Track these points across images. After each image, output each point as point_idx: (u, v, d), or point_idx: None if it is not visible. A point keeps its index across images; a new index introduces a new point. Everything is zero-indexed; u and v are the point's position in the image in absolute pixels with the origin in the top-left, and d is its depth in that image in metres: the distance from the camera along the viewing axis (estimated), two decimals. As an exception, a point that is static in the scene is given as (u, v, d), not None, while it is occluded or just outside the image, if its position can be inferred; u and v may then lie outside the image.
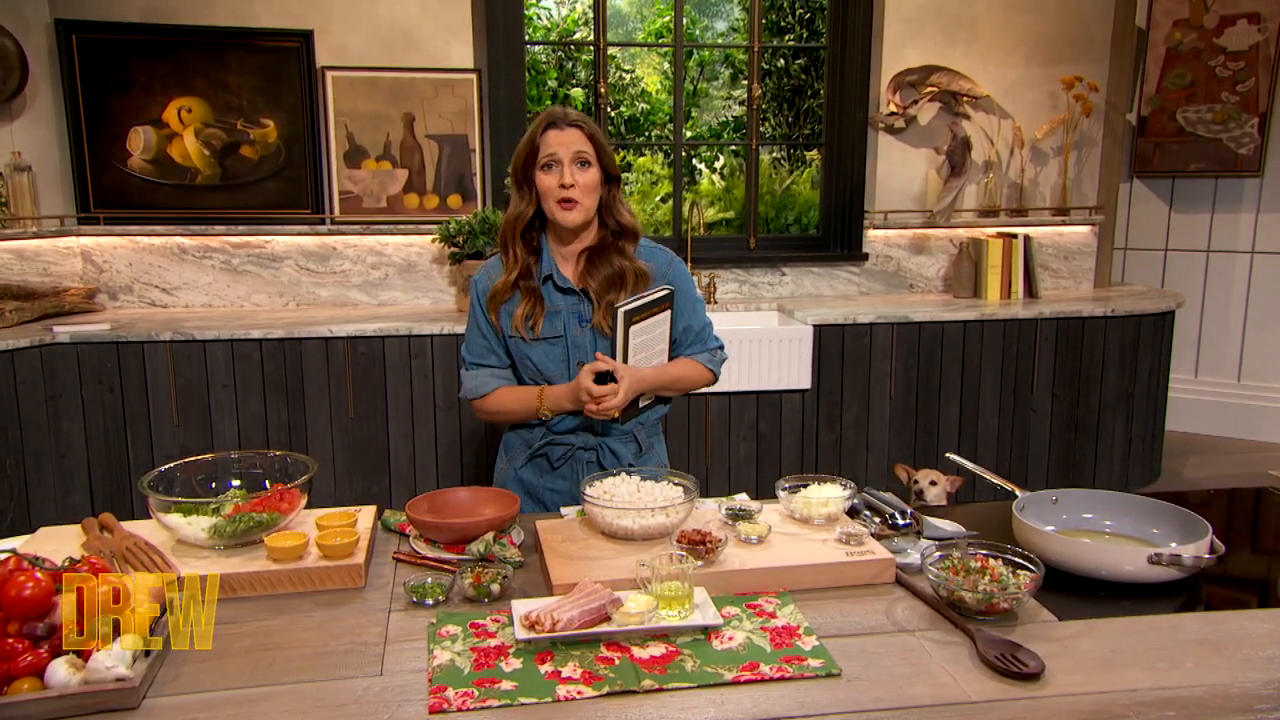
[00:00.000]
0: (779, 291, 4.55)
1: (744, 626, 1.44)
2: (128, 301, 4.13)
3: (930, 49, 4.45)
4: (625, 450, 2.14)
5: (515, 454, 2.20)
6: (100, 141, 3.98)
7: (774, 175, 7.18)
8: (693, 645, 1.38)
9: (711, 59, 7.61)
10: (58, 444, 3.57)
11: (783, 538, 1.68)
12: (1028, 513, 1.78)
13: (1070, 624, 1.47)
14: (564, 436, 2.12)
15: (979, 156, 4.54)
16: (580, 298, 2.07)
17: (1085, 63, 4.59)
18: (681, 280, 2.14)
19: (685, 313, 2.14)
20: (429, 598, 1.51)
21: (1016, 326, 4.10)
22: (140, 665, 1.23)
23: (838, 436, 4.03)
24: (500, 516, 1.70)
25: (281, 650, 1.36)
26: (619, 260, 2.05)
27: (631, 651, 1.36)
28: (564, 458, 2.12)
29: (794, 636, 1.41)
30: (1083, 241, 4.77)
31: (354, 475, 3.76)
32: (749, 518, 1.73)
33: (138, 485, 1.60)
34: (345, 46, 4.08)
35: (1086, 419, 4.23)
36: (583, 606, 1.41)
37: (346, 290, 4.26)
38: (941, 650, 1.38)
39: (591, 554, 1.61)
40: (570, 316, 2.07)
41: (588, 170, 1.99)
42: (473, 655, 1.35)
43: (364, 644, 1.38)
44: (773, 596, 1.53)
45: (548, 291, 2.07)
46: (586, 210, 2.01)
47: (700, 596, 1.47)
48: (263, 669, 1.31)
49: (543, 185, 1.99)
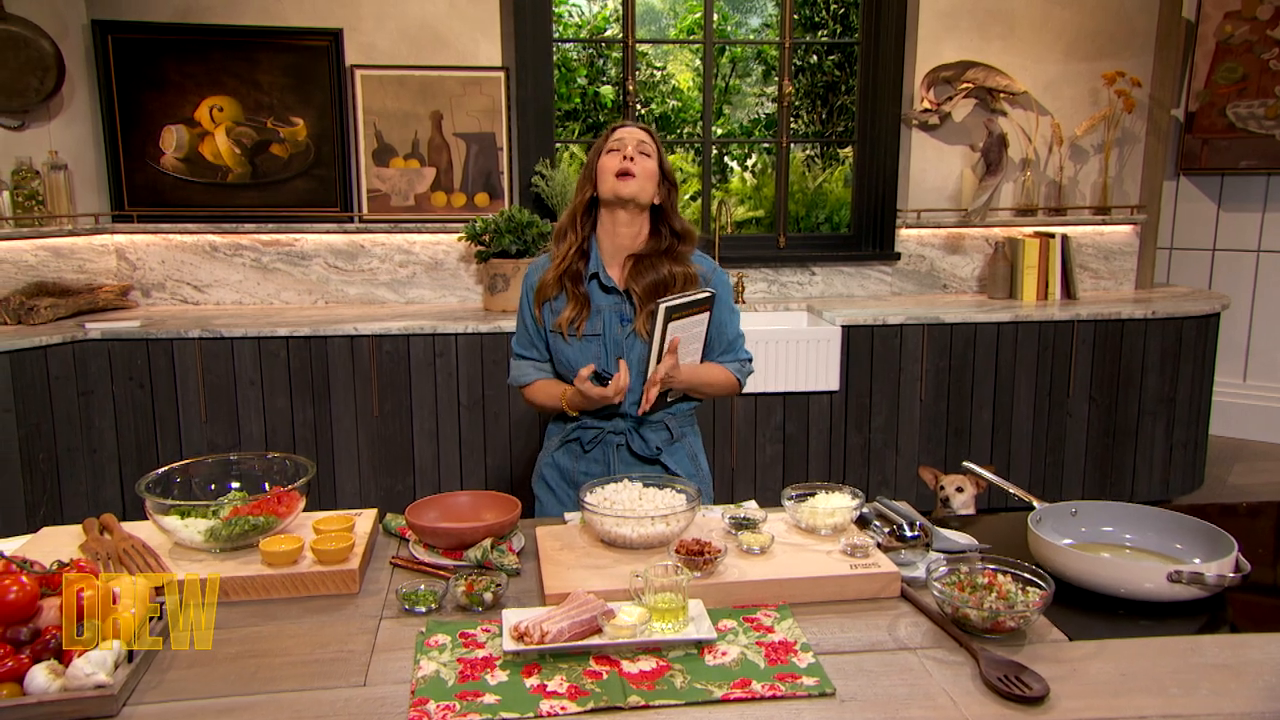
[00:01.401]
0: (809, 291, 4.48)
1: (739, 641, 1.40)
2: (160, 299, 4.18)
3: (966, 44, 4.36)
4: (656, 437, 2.17)
5: (553, 440, 2.26)
6: (134, 140, 4.03)
7: (807, 173, 7.10)
8: (685, 660, 1.35)
9: (744, 55, 7.54)
10: (89, 439, 3.63)
11: (786, 548, 1.64)
12: (1044, 525, 1.72)
13: (1081, 644, 1.41)
14: (595, 421, 2.16)
15: (1016, 154, 4.43)
16: (623, 298, 2.12)
17: (1127, 57, 4.46)
18: (722, 288, 2.18)
19: (722, 320, 2.18)
20: (421, 605, 1.49)
21: (1053, 328, 3.99)
22: (122, 672, 1.22)
23: (866, 439, 3.96)
24: (499, 522, 1.67)
25: (268, 658, 1.35)
26: (668, 266, 2.10)
27: (621, 665, 1.33)
28: (594, 441, 2.17)
29: (790, 652, 1.37)
30: (1124, 241, 4.64)
31: (378, 473, 3.77)
32: (753, 527, 1.68)
33: (135, 487, 1.60)
34: (374, 45, 4.09)
35: (1125, 424, 4.11)
36: (573, 618, 1.38)
37: (374, 288, 4.27)
38: (943, 670, 1.33)
39: (588, 563, 1.58)
40: (611, 315, 2.11)
41: (649, 160, 2.09)
42: (459, 666, 1.32)
43: (351, 653, 1.36)
44: (772, 610, 1.49)
45: (591, 290, 2.12)
46: (641, 187, 2.06)
47: (696, 609, 1.44)
48: (247, 677, 1.30)
49: (604, 166, 2.08)
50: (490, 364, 3.72)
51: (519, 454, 3.80)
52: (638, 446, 2.16)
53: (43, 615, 1.26)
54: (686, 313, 1.99)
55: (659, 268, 2.10)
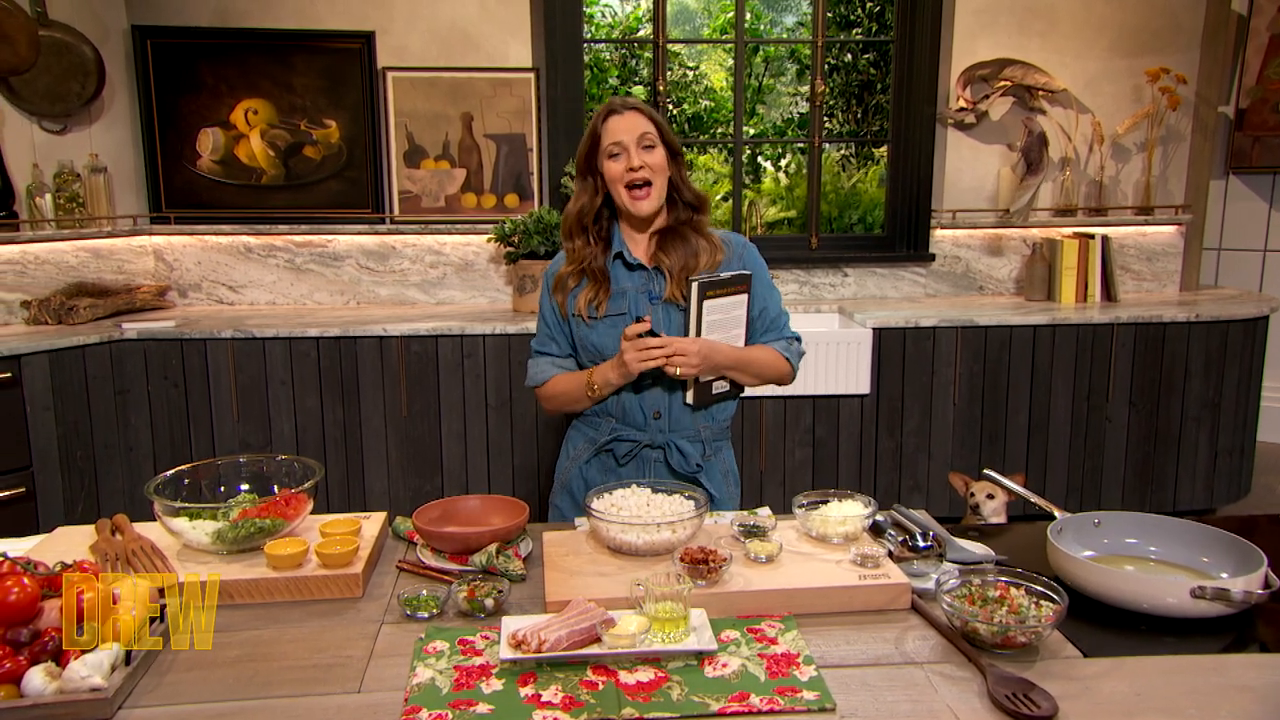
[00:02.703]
0: (841, 293, 4.43)
1: (740, 652, 1.37)
2: (196, 299, 4.25)
3: (1004, 41, 4.27)
4: (694, 450, 2.06)
5: (579, 450, 2.15)
6: (172, 143, 4.09)
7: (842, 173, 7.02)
8: (684, 671, 1.32)
9: (778, 54, 7.48)
10: (125, 437, 3.69)
11: (794, 557, 1.60)
12: (1065, 536, 1.67)
13: (1096, 661, 1.36)
14: (629, 430, 2.06)
15: (1055, 153, 4.33)
16: (650, 275, 2.04)
17: (1172, 53, 4.35)
18: (756, 265, 2.10)
19: (761, 297, 2.09)
20: (423, 611, 1.48)
21: (1091, 331, 3.90)
22: (118, 675, 1.23)
23: (898, 444, 3.90)
24: (505, 527, 1.66)
25: (266, 662, 1.35)
26: (694, 238, 2.05)
27: (619, 676, 1.31)
28: (630, 455, 2.07)
29: (792, 665, 1.33)
30: (1168, 242, 4.52)
31: (407, 474, 3.79)
32: (761, 535, 1.65)
33: (144, 489, 1.61)
34: (406, 47, 4.12)
35: (1167, 430, 4.00)
36: (572, 626, 1.36)
37: (405, 289, 4.29)
38: (950, 686, 1.29)
39: (593, 570, 1.56)
40: (638, 295, 2.03)
41: (653, 152, 1.99)
42: (455, 674, 1.31)
43: (348, 658, 1.36)
44: (777, 621, 1.46)
45: (616, 270, 2.05)
46: (659, 193, 2.00)
47: (698, 619, 1.41)
48: (244, 681, 1.30)
49: (611, 172, 1.99)
50: (517, 365, 3.72)
51: (546, 455, 3.79)
52: (676, 462, 2.05)
53: (44, 617, 1.27)
54: (722, 291, 1.93)
55: (687, 239, 2.04)
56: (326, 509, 3.76)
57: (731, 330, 2.01)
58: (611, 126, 1.98)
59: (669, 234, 2.05)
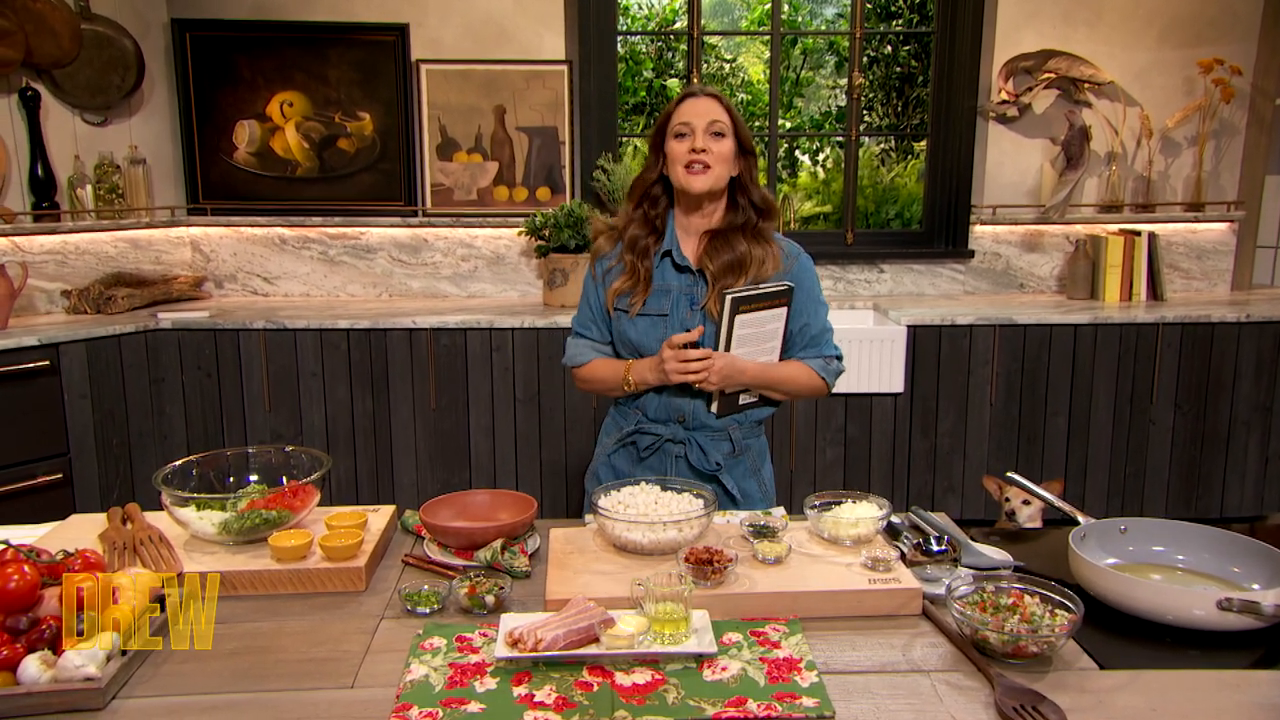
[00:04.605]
0: (876, 289, 4.36)
1: (741, 656, 1.34)
2: (232, 290, 4.30)
3: (1048, 32, 4.17)
4: (716, 449, 2.03)
5: (610, 439, 2.14)
6: (209, 135, 4.14)
7: (881, 167, 6.91)
8: (682, 674, 1.30)
9: (817, 47, 7.38)
10: (160, 425, 3.75)
11: (803, 559, 1.57)
12: (1089, 543, 1.62)
13: (1113, 674, 1.31)
14: (653, 425, 2.05)
15: (1100, 147, 4.22)
16: (697, 278, 2.01)
17: (1227, 43, 4.21)
18: (806, 276, 2.05)
19: (805, 311, 2.04)
20: (424, 606, 1.47)
21: (1135, 331, 3.79)
22: (113, 665, 1.23)
23: (932, 444, 3.83)
24: (512, 523, 1.64)
25: (265, 654, 1.35)
26: (744, 244, 1.99)
27: (615, 677, 1.29)
28: (651, 448, 2.05)
29: (794, 670, 1.30)
30: (1219, 240, 4.39)
31: (435, 466, 3.80)
32: (771, 535, 1.62)
33: (152, 479, 1.62)
34: (439, 39, 4.12)
35: (1215, 433, 3.88)
36: (570, 626, 1.34)
37: (437, 282, 4.31)
38: (956, 696, 1.25)
39: (596, 568, 1.54)
40: (682, 297, 2.00)
41: (722, 140, 1.96)
42: (449, 671, 1.30)
43: (345, 653, 1.35)
44: (781, 624, 1.43)
45: (663, 269, 2.02)
46: (716, 178, 1.96)
47: (700, 620, 1.39)
48: (239, 674, 1.30)
49: (673, 152, 1.97)
50: (546, 359, 3.72)
51: (573, 449, 3.78)
52: (696, 459, 2.02)
53: (43, 604, 1.28)
54: (757, 305, 1.88)
55: (735, 245, 1.98)
56: (356, 500, 3.80)
57: (764, 344, 1.96)
58: (685, 109, 1.97)
59: (720, 236, 2.00)
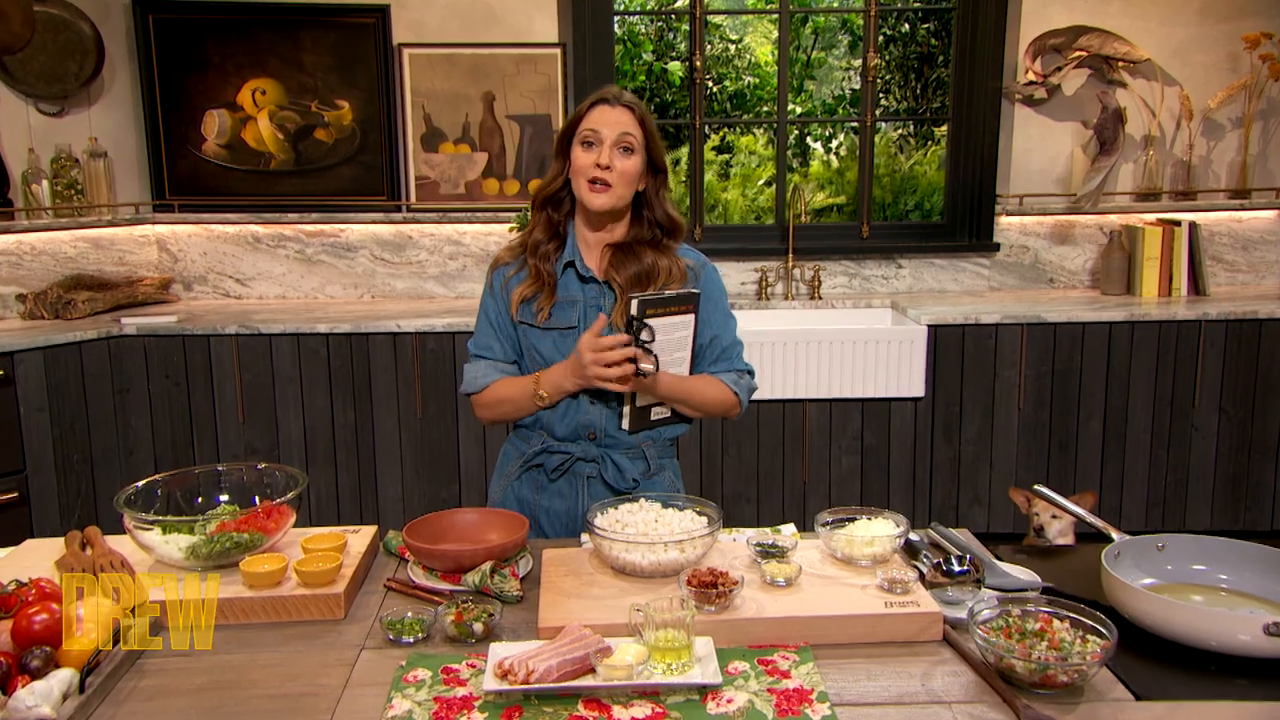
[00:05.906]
0: (894, 286, 4.36)
1: (748, 687, 1.34)
2: (202, 292, 4.31)
3: (1079, 6, 4.17)
4: (632, 466, 2.04)
5: (513, 465, 2.12)
6: (175, 126, 4.15)
7: (899, 155, 6.90)
8: (684, 707, 1.30)
9: (829, 25, 7.38)
10: (125, 440, 3.75)
11: (815, 581, 1.57)
12: (1123, 562, 1.62)
13: (1149, 705, 1.31)
14: (561, 444, 2.04)
15: (1136, 131, 4.23)
16: (603, 289, 2.03)
17: (1274, 16, 4.21)
18: (712, 287, 2.08)
19: (714, 323, 2.06)
20: (407, 635, 1.47)
21: (1175, 328, 3.80)
22: (70, 704, 1.23)
23: (955, 452, 3.83)
24: (502, 544, 1.65)
25: (235, 690, 1.35)
26: (650, 256, 2.01)
27: (613, 711, 1.29)
28: (560, 469, 2.04)
29: (804, 702, 1.31)
30: (1267, 229, 4.39)
31: (422, 480, 3.81)
32: (781, 555, 1.62)
33: (114, 501, 1.62)
34: (423, 22, 4.13)
35: (1263, 439, 3.88)
36: (563, 655, 1.34)
37: (423, 282, 4.32)
38: (979, 730, 1.25)
39: (592, 593, 1.55)
40: (590, 308, 2.02)
41: (630, 157, 1.95)
42: (434, 706, 1.30)
43: (322, 687, 1.36)
44: (791, 652, 1.43)
45: (567, 279, 2.04)
46: (618, 197, 1.96)
47: (703, 648, 1.39)
48: (208, 711, 1.30)
49: (577, 161, 1.96)
50: (540, 364, 3.72)
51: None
52: (612, 477, 2.02)
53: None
54: (664, 310, 1.89)
55: (642, 257, 2.00)
56: (336, 518, 3.81)
57: (674, 353, 1.96)
58: (596, 115, 1.95)
59: (624, 249, 2.03)
